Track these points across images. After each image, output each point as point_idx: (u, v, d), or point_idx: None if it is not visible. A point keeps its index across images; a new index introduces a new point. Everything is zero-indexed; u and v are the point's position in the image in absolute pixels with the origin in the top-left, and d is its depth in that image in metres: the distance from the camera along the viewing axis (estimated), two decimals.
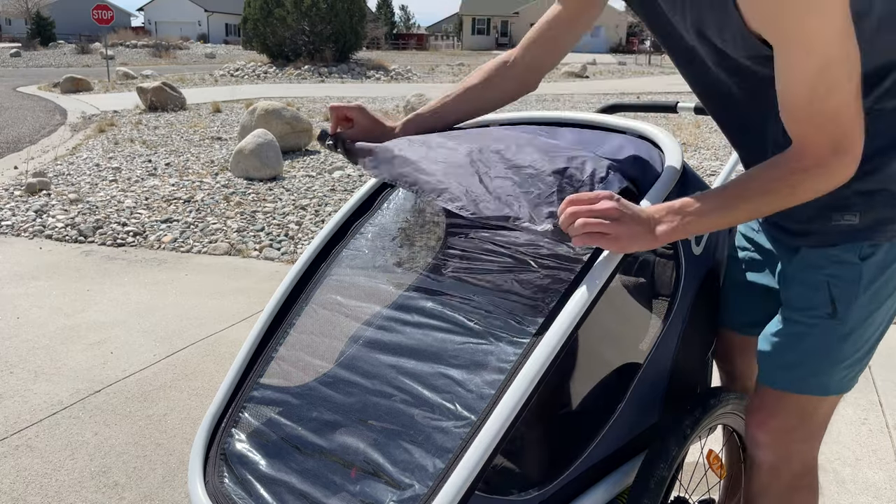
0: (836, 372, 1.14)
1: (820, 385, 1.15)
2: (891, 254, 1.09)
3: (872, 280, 1.09)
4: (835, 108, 0.91)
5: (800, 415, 1.18)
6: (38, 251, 4.19)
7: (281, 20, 21.67)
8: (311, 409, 1.12)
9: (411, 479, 0.97)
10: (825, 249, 1.11)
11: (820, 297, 1.12)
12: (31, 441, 2.22)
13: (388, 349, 1.13)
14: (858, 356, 1.15)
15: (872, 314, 1.12)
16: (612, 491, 1.24)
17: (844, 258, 1.10)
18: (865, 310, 1.11)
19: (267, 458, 1.10)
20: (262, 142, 6.14)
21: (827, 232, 1.10)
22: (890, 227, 1.07)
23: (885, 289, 1.11)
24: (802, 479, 1.23)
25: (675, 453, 1.24)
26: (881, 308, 1.12)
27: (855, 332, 1.12)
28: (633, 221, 0.96)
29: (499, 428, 0.94)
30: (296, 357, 1.22)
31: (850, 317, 1.11)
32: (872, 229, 1.07)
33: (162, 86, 11.29)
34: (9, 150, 7.99)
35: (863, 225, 1.07)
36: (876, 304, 1.11)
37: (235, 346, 2.89)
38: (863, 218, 1.07)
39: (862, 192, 1.06)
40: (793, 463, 1.21)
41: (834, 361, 1.13)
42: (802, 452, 1.21)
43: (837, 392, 1.16)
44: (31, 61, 29.85)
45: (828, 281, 1.11)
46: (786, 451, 1.21)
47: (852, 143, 0.93)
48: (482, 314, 1.11)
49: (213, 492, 1.08)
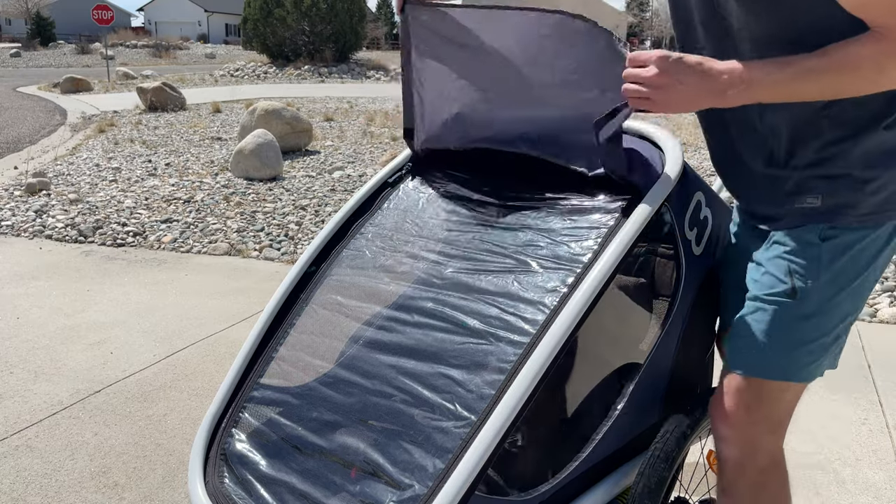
0: (797, 356, 1.12)
1: (780, 368, 1.13)
2: (850, 240, 1.09)
3: (833, 261, 1.09)
4: None
5: (761, 403, 1.15)
6: (38, 251, 4.19)
7: (281, 20, 21.66)
8: (311, 410, 1.12)
9: (411, 479, 0.97)
10: (789, 231, 1.12)
11: (781, 275, 1.12)
12: (31, 441, 2.22)
13: (388, 349, 1.13)
14: (823, 342, 1.12)
15: (834, 298, 1.10)
16: (612, 491, 1.24)
17: (806, 238, 1.10)
18: (827, 291, 1.10)
19: (267, 458, 1.10)
20: (262, 142, 6.14)
21: (793, 214, 1.11)
22: (851, 212, 1.07)
23: (848, 273, 1.10)
24: (769, 475, 1.20)
25: (676, 453, 1.24)
26: (843, 292, 1.11)
27: (816, 315, 1.10)
28: (693, 82, 0.97)
29: (499, 428, 0.94)
30: (296, 357, 1.22)
31: (811, 297, 1.10)
32: (833, 212, 1.08)
33: (162, 86, 11.29)
34: (9, 151, 7.99)
35: (824, 207, 1.08)
36: (837, 288, 1.10)
37: (235, 347, 2.89)
38: (825, 200, 1.08)
39: (826, 176, 1.07)
40: (758, 457, 1.18)
41: (794, 343, 1.11)
42: (767, 445, 1.18)
43: (800, 379, 1.14)
44: (31, 61, 29.84)
45: (788, 261, 1.11)
46: (750, 445, 1.18)
47: None
48: (482, 314, 1.10)
49: (213, 492, 1.08)
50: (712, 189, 1.37)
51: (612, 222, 1.16)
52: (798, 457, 2.18)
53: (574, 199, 1.23)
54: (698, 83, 0.98)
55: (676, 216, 1.25)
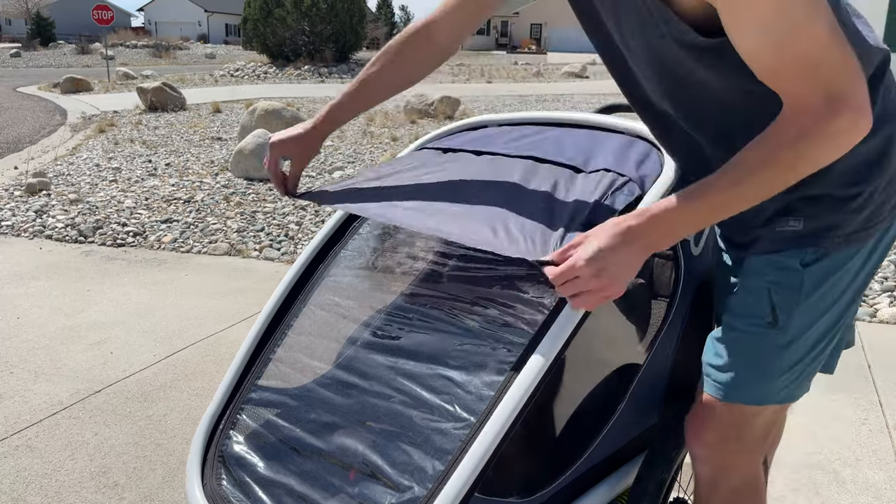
0: (774, 382, 1.09)
1: (755, 395, 1.09)
2: (835, 262, 1.04)
3: (815, 288, 1.04)
4: (808, 50, 0.82)
5: (735, 425, 1.12)
6: (38, 251, 4.19)
7: (281, 20, 21.66)
8: (310, 411, 1.11)
9: (410, 481, 0.96)
10: (769, 256, 1.06)
11: (761, 304, 1.07)
12: (31, 441, 2.22)
13: (387, 350, 1.12)
14: (801, 366, 1.09)
15: (814, 323, 1.06)
16: (612, 492, 1.24)
17: (787, 264, 1.05)
18: (807, 318, 1.06)
19: (265, 460, 1.09)
20: (263, 142, 6.14)
21: (772, 238, 1.06)
22: (834, 234, 1.02)
23: (828, 298, 1.05)
24: (741, 494, 1.17)
25: (675, 454, 1.24)
26: (824, 317, 1.07)
27: (796, 342, 1.07)
28: (617, 259, 0.90)
29: (498, 430, 0.93)
30: (294, 358, 1.21)
31: (791, 326, 1.06)
32: (816, 235, 1.03)
33: (162, 86, 11.29)
34: (9, 151, 7.99)
35: (807, 231, 1.03)
36: (819, 313, 1.06)
37: (235, 347, 2.89)
38: (807, 223, 1.02)
39: (806, 198, 1.01)
40: (730, 477, 1.16)
41: (772, 372, 1.08)
42: (740, 466, 1.16)
43: (777, 402, 1.11)
44: (31, 61, 29.84)
45: (769, 288, 1.06)
46: (722, 465, 1.15)
47: (847, 88, 0.83)
48: (482, 315, 1.10)
49: (210, 494, 1.08)
50: None
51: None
52: (798, 457, 2.18)
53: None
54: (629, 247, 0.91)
55: None
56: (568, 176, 1.18)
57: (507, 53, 44.51)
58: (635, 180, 1.16)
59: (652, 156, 1.25)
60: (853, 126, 0.84)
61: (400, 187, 1.18)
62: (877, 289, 3.57)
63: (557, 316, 1.01)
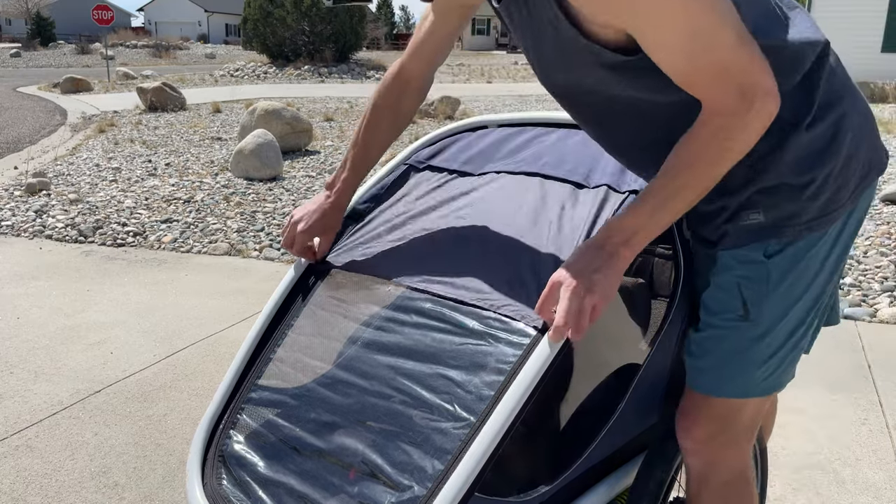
0: (753, 374, 1.11)
1: (736, 388, 1.12)
2: (799, 250, 1.06)
3: (782, 278, 1.06)
4: (718, 57, 0.89)
5: (721, 419, 1.14)
6: (38, 251, 4.19)
7: (281, 20, 21.65)
8: (310, 411, 1.11)
9: (410, 480, 0.96)
10: (735, 251, 1.08)
11: (732, 299, 1.09)
12: (31, 441, 2.22)
13: (387, 350, 1.12)
14: (780, 355, 1.11)
15: (787, 312, 1.08)
16: (612, 492, 1.24)
17: (752, 257, 1.07)
18: (779, 308, 1.08)
19: (265, 459, 1.09)
20: (262, 142, 6.14)
21: (737, 233, 1.07)
22: (794, 222, 1.04)
23: (798, 286, 1.07)
24: (731, 487, 1.19)
25: (674, 454, 1.24)
26: (798, 303, 1.08)
27: (771, 333, 1.09)
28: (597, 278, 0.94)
29: (498, 429, 0.93)
30: (294, 358, 1.21)
31: (763, 317, 1.08)
32: (777, 226, 1.05)
33: (162, 86, 11.28)
34: (9, 151, 7.99)
35: (768, 222, 1.05)
36: (791, 301, 1.08)
37: (235, 347, 2.89)
38: (767, 215, 1.04)
39: (763, 189, 1.04)
40: (720, 470, 1.18)
41: (750, 363, 1.10)
42: (729, 459, 1.17)
43: (760, 394, 1.13)
44: (31, 61, 29.84)
45: (738, 282, 1.08)
46: (711, 458, 1.17)
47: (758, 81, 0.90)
48: (480, 316, 1.10)
49: (211, 493, 1.08)
50: None
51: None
52: (798, 457, 2.18)
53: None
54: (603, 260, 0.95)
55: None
56: (570, 195, 1.22)
57: (507, 53, 44.48)
58: (636, 189, 1.18)
59: None
60: (764, 110, 0.91)
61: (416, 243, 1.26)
62: (877, 289, 3.57)
63: None
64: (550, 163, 1.29)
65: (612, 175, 1.23)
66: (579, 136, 1.35)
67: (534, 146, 1.37)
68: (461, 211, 1.28)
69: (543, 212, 1.20)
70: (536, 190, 1.26)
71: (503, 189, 1.29)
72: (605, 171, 1.24)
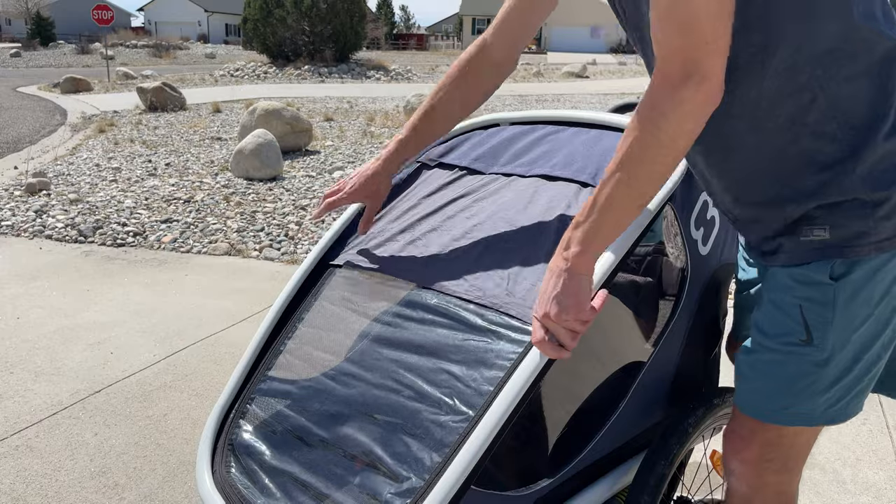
0: (818, 402, 1.03)
1: (798, 416, 1.04)
2: (869, 268, 0.97)
3: (848, 301, 0.98)
4: (693, 12, 0.84)
5: (776, 445, 1.08)
6: (38, 251, 4.19)
7: (281, 20, 21.66)
8: (316, 402, 1.14)
9: (409, 471, 0.98)
10: (794, 269, 1.01)
11: (793, 321, 1.01)
12: (31, 441, 2.22)
13: (392, 345, 1.14)
14: (846, 383, 1.03)
15: (852, 336, 1.00)
16: (612, 489, 1.24)
17: (815, 279, 0.99)
18: (844, 333, 1.00)
19: (272, 449, 1.12)
20: (262, 142, 6.14)
21: (796, 248, 1.00)
22: (865, 240, 0.95)
23: (866, 307, 0.99)
24: None
25: (676, 452, 1.24)
26: (863, 327, 1.00)
27: (835, 358, 1.01)
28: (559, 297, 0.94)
29: (495, 423, 0.94)
30: (303, 351, 1.24)
31: (827, 342, 1.00)
32: (843, 246, 0.96)
33: (162, 86, 11.29)
34: (9, 150, 8.00)
35: (834, 240, 0.96)
36: (856, 326, 0.99)
37: (235, 347, 2.89)
38: (833, 232, 0.96)
39: (829, 205, 0.95)
40: (766, 495, 1.12)
41: (814, 391, 1.02)
42: (778, 484, 1.11)
43: (823, 423, 1.05)
44: (31, 61, 29.85)
45: (800, 304, 1.00)
46: (759, 483, 1.11)
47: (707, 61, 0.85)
48: (480, 316, 1.11)
49: (219, 481, 1.11)
50: None
51: None
52: None
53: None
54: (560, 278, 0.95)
55: (682, 216, 1.25)
56: (576, 194, 1.22)
57: None
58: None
59: None
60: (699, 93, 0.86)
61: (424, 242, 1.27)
62: None
63: None
64: (559, 162, 1.30)
65: None
66: (589, 134, 1.36)
67: (544, 144, 1.38)
68: (469, 210, 1.29)
69: (549, 211, 1.20)
70: (544, 189, 1.26)
71: (511, 188, 1.30)
72: None
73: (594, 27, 46.80)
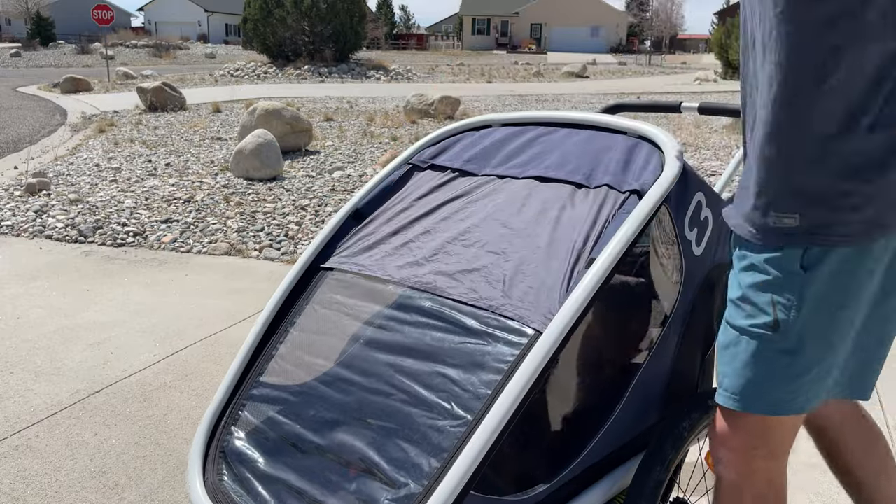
0: (788, 390, 1.03)
1: (769, 404, 1.05)
2: (838, 260, 0.97)
3: (817, 292, 0.99)
4: None
5: (758, 434, 1.08)
6: (38, 251, 4.19)
7: (281, 20, 21.65)
8: (310, 408, 1.12)
9: (407, 477, 0.97)
10: (768, 254, 1.01)
11: (762, 306, 1.02)
12: (31, 441, 2.22)
13: (387, 348, 1.13)
14: (815, 375, 1.03)
15: (825, 329, 1.00)
16: (610, 492, 1.24)
17: (786, 266, 0.99)
18: (813, 323, 1.00)
19: (265, 456, 1.10)
20: (262, 142, 6.14)
21: (767, 232, 1.01)
22: (834, 232, 0.95)
23: (834, 301, 0.99)
24: (765, 500, 1.13)
25: (672, 455, 1.24)
26: (832, 323, 1.00)
27: (805, 348, 1.01)
28: None
29: (494, 428, 0.94)
30: (295, 356, 1.22)
31: (793, 331, 1.00)
32: (813, 232, 0.97)
33: (162, 86, 11.29)
34: (9, 150, 7.99)
35: (805, 227, 0.97)
36: (824, 318, 1.00)
37: (235, 347, 2.89)
38: (803, 220, 0.97)
39: (800, 192, 0.96)
40: (755, 482, 1.12)
41: (781, 378, 1.02)
42: (765, 471, 1.11)
43: (798, 412, 1.05)
44: (31, 61, 29.84)
45: (770, 290, 1.01)
46: (747, 470, 1.11)
47: None
48: (479, 317, 1.11)
49: (212, 489, 1.09)
50: (713, 190, 1.37)
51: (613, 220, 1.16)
52: (798, 457, 2.18)
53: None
54: None
55: (676, 216, 1.25)
56: (570, 195, 1.22)
57: (507, 53, 44.50)
58: (637, 189, 1.18)
59: (653, 159, 1.25)
60: None
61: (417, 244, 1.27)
62: None
63: (558, 311, 1.01)
64: (553, 164, 1.30)
65: (613, 174, 1.23)
66: (582, 135, 1.36)
67: (537, 146, 1.37)
68: (463, 212, 1.28)
69: (544, 213, 1.20)
70: (537, 191, 1.26)
71: (505, 190, 1.30)
72: (606, 170, 1.24)
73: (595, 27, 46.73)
